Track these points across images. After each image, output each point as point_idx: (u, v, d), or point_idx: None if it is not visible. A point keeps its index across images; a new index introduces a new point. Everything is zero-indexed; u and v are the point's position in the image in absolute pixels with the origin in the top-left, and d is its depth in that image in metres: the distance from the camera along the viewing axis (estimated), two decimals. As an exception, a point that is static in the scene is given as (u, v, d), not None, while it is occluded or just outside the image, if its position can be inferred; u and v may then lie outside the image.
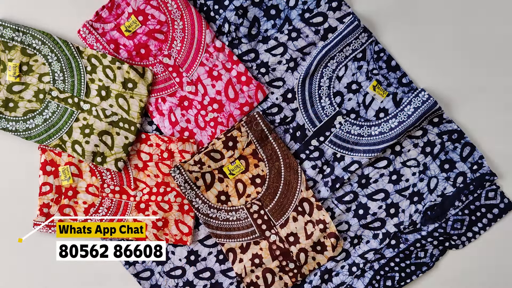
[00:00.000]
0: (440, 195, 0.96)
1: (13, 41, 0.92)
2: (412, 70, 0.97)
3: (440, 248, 0.97)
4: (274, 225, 0.95)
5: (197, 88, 0.97)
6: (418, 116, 0.92)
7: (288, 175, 0.95)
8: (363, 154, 0.95)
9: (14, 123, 0.93)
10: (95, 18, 0.94)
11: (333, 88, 0.96)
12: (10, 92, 0.93)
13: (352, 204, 0.97)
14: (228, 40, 0.96)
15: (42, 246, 0.97)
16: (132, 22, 0.94)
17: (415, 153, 0.97)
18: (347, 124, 0.96)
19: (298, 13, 0.96)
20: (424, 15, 0.98)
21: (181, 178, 0.93)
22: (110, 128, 0.94)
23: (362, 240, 0.98)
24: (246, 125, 0.94)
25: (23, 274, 0.98)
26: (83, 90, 0.94)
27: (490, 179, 0.95)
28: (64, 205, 0.95)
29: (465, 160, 0.96)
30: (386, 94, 0.96)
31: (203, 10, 0.97)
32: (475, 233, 0.97)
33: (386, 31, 0.98)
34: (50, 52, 0.93)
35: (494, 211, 0.96)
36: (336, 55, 0.95)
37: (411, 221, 0.96)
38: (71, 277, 0.98)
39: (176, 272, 0.98)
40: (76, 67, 0.94)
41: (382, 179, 0.97)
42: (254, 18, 0.96)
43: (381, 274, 0.97)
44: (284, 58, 0.96)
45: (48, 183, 0.95)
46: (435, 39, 0.98)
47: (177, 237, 0.96)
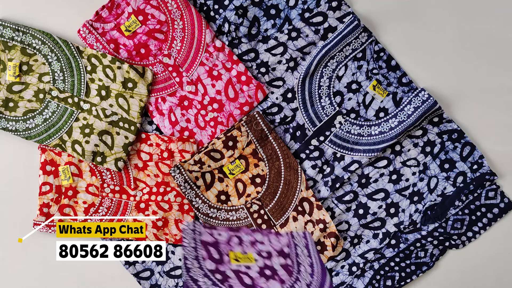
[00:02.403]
0: (440, 195, 0.96)
1: (13, 41, 0.92)
2: (412, 70, 0.97)
3: (440, 248, 0.97)
4: (274, 225, 0.95)
5: (197, 88, 0.97)
6: (418, 116, 0.92)
7: (288, 174, 0.95)
8: (363, 153, 0.95)
9: (14, 123, 0.93)
10: (95, 18, 0.94)
11: (333, 88, 0.96)
12: (10, 91, 0.93)
13: (352, 204, 0.97)
14: (228, 40, 0.96)
15: (42, 246, 0.97)
16: (132, 22, 0.94)
17: (415, 152, 0.97)
18: (347, 124, 0.96)
19: (298, 12, 0.96)
20: (424, 15, 0.98)
21: (181, 177, 0.93)
22: (110, 128, 0.94)
23: (362, 240, 0.98)
24: (246, 124, 0.94)
25: (23, 274, 0.98)
26: (83, 89, 0.94)
27: (490, 179, 0.95)
28: (64, 205, 0.95)
29: (465, 160, 0.96)
30: (386, 94, 0.96)
31: (203, 10, 0.97)
32: (475, 232, 0.97)
33: (386, 31, 0.98)
34: (50, 52, 0.93)
35: (494, 210, 0.96)
36: (336, 55, 0.95)
37: (411, 221, 0.96)
38: (71, 277, 0.98)
39: (176, 272, 0.98)
40: (76, 67, 0.94)
41: (382, 178, 0.97)
42: (254, 18, 0.97)
43: (381, 273, 0.97)
44: (284, 58, 0.96)
45: (48, 183, 0.95)
46: (435, 39, 0.98)
47: (177, 237, 0.96)
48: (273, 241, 0.70)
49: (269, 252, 0.69)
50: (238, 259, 0.67)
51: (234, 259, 0.67)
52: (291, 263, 0.68)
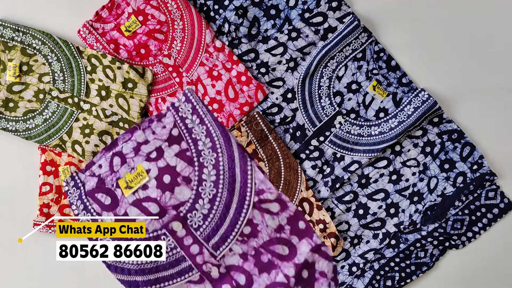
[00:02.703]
0: (440, 195, 0.96)
1: (13, 41, 0.92)
2: (412, 70, 0.97)
3: (440, 248, 0.97)
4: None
5: (197, 88, 0.97)
6: (418, 116, 0.92)
7: (288, 175, 0.95)
8: (363, 154, 0.95)
9: (14, 123, 0.93)
10: (95, 18, 0.94)
11: (333, 88, 0.96)
12: (10, 92, 0.93)
13: (352, 204, 0.97)
14: (228, 40, 0.96)
15: (42, 246, 0.97)
16: (132, 22, 0.94)
17: (415, 153, 0.97)
18: (347, 124, 0.96)
19: (298, 13, 0.96)
20: (424, 15, 0.98)
21: None
22: (110, 128, 0.94)
23: (362, 240, 0.98)
24: (246, 125, 0.94)
25: (23, 274, 0.98)
26: (83, 90, 0.94)
27: (490, 179, 0.95)
28: (64, 205, 0.95)
29: (465, 160, 0.96)
30: (386, 94, 0.96)
31: (203, 10, 0.97)
32: (475, 233, 0.97)
33: (386, 31, 0.98)
34: (50, 52, 0.93)
35: (494, 211, 0.96)
36: (336, 55, 0.95)
37: (411, 221, 0.96)
38: (71, 277, 0.98)
39: (176, 272, 0.97)
40: (76, 67, 0.94)
41: (382, 179, 0.97)
42: (254, 18, 0.97)
43: (381, 274, 0.97)
44: (284, 58, 0.96)
45: (48, 183, 0.95)
46: (435, 39, 0.98)
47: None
48: (157, 130, 0.60)
49: (158, 148, 0.59)
50: (129, 184, 0.59)
51: (125, 187, 0.59)
52: (187, 144, 0.59)
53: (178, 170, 0.59)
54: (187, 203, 0.59)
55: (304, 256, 0.58)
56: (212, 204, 0.58)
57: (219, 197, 0.58)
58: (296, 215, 0.59)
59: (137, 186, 0.60)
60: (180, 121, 0.60)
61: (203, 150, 0.59)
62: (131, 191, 0.60)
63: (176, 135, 0.60)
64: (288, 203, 0.59)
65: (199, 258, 0.60)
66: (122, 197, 0.60)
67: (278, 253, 0.59)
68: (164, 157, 0.60)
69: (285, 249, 0.59)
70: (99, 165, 0.61)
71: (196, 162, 0.59)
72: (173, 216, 0.60)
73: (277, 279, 0.58)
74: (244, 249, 0.59)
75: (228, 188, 0.58)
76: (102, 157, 0.61)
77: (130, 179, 0.60)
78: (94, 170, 0.61)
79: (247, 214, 0.58)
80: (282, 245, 0.59)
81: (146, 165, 0.60)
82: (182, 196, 0.59)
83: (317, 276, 0.59)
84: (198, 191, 0.59)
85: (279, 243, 0.59)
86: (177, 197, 0.59)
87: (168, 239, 0.61)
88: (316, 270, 0.59)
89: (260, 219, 0.58)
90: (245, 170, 0.58)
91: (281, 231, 0.59)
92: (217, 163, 0.58)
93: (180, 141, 0.60)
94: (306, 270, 0.58)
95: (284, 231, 0.59)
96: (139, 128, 0.61)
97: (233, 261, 0.59)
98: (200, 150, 0.59)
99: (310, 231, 0.59)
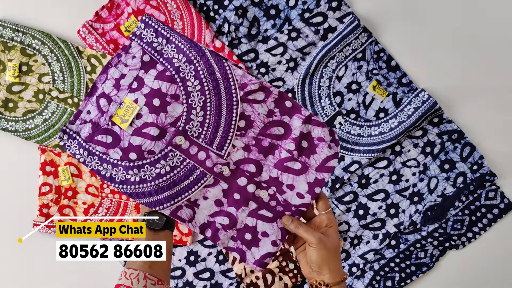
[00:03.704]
0: (440, 195, 0.96)
1: (13, 41, 0.92)
2: (412, 70, 0.97)
3: (440, 249, 0.97)
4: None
5: (197, 88, 0.97)
6: (418, 116, 0.92)
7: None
8: (363, 154, 0.95)
9: (13, 123, 0.93)
10: (94, 18, 0.94)
11: (333, 88, 0.96)
12: (10, 92, 0.93)
13: (352, 205, 0.97)
14: (228, 40, 0.96)
15: (42, 246, 0.97)
16: (132, 22, 0.94)
17: (415, 153, 0.97)
18: (347, 124, 0.96)
19: (298, 13, 0.96)
20: (424, 15, 0.98)
21: None
22: (110, 128, 0.94)
23: (362, 241, 0.97)
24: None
25: (23, 274, 0.98)
26: (83, 90, 0.94)
27: (490, 179, 0.95)
28: (63, 205, 0.95)
29: (465, 160, 0.96)
30: (386, 94, 0.96)
31: (203, 10, 0.97)
32: (475, 233, 0.97)
33: (386, 31, 0.97)
34: (50, 52, 0.93)
35: (494, 211, 0.96)
36: (336, 55, 0.95)
37: (411, 222, 0.96)
38: (71, 277, 0.98)
39: (176, 273, 0.97)
40: (75, 67, 0.94)
41: (382, 179, 0.97)
42: (254, 18, 0.96)
43: (381, 274, 0.96)
44: (284, 58, 0.96)
45: (47, 184, 0.95)
46: (435, 39, 0.98)
47: (176, 237, 0.96)
48: (128, 62, 0.61)
49: (137, 77, 0.60)
50: (123, 118, 0.60)
51: (121, 122, 0.60)
52: (162, 65, 0.60)
53: (164, 91, 0.61)
54: (182, 117, 0.62)
55: (298, 129, 0.62)
56: (205, 110, 0.62)
57: (209, 102, 0.62)
58: (280, 96, 0.63)
59: (132, 117, 0.61)
60: (148, 46, 0.62)
61: (180, 66, 0.61)
62: (128, 123, 0.61)
63: (148, 61, 0.62)
64: (270, 88, 0.63)
65: (208, 162, 0.63)
66: (122, 132, 0.62)
67: (275, 135, 0.63)
68: (145, 83, 0.61)
69: (280, 129, 0.63)
70: (87, 112, 0.62)
71: (178, 79, 0.61)
72: (174, 132, 0.62)
73: (281, 156, 0.63)
74: (245, 142, 0.63)
75: (215, 92, 0.62)
76: (88, 103, 0.63)
77: (122, 113, 0.62)
78: (84, 117, 0.62)
79: (238, 109, 0.62)
80: (277, 127, 0.63)
81: (132, 96, 0.61)
82: (176, 113, 0.61)
83: (316, 142, 0.63)
84: (188, 103, 0.61)
85: (274, 125, 0.63)
86: (171, 115, 0.61)
87: (176, 153, 0.62)
88: (314, 138, 0.63)
89: (251, 109, 0.63)
90: (224, 71, 0.62)
91: (272, 115, 0.63)
92: (197, 72, 0.61)
93: (155, 64, 0.62)
94: (305, 140, 0.63)
95: (274, 114, 0.63)
96: (111, 65, 0.62)
97: (239, 156, 0.63)
98: (177, 66, 0.61)
99: (297, 107, 0.63)
